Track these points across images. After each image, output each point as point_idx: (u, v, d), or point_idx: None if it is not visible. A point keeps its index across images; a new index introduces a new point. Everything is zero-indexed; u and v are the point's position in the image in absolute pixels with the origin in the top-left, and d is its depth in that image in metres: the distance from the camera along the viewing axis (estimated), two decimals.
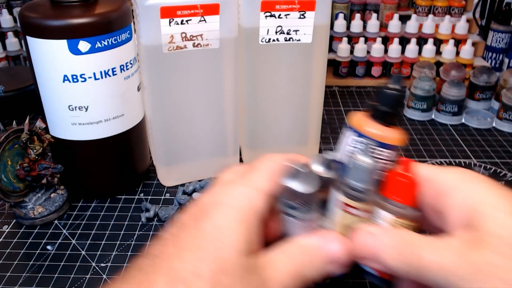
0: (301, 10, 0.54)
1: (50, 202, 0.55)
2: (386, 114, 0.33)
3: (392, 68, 0.92)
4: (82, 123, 0.52)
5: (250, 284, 0.26)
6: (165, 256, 0.26)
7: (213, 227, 0.27)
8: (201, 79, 0.56)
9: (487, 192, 0.28)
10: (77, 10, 0.49)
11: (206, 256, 0.26)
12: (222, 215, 0.27)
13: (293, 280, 0.28)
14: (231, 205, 0.28)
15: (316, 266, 0.29)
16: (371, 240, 0.29)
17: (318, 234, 0.31)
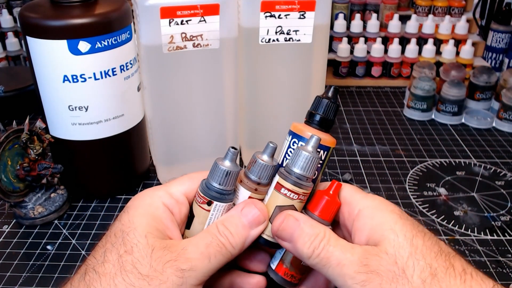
0: (301, 10, 0.54)
1: (50, 202, 0.55)
2: (320, 119, 0.37)
3: (392, 68, 0.92)
4: (82, 123, 0.52)
5: (161, 258, 0.30)
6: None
7: (120, 224, 0.33)
8: (201, 79, 0.56)
9: (393, 219, 0.33)
10: (77, 10, 0.49)
11: (110, 248, 0.31)
12: (127, 214, 0.33)
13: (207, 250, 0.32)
14: (135, 205, 0.34)
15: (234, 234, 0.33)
16: (294, 224, 0.33)
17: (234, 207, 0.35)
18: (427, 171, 0.66)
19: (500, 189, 0.62)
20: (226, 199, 0.34)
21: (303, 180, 0.34)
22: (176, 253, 0.31)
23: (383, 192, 0.60)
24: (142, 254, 0.31)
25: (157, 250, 0.31)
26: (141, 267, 0.30)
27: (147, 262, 0.30)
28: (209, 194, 0.34)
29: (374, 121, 0.79)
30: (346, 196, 0.36)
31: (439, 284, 0.30)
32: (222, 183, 0.34)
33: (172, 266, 0.31)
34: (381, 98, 0.89)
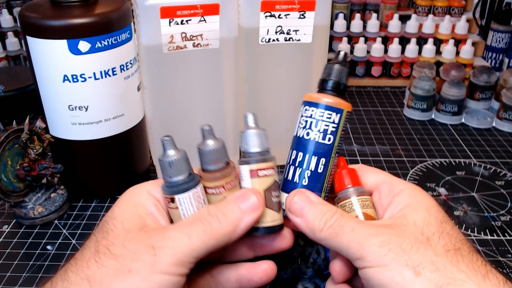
0: (301, 10, 0.54)
1: (50, 202, 0.55)
2: (332, 84, 0.37)
3: (392, 68, 0.92)
4: (82, 123, 0.52)
5: (135, 239, 0.30)
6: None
7: (105, 216, 0.34)
8: (201, 79, 0.56)
9: (430, 204, 0.34)
10: (77, 10, 0.49)
11: (91, 237, 0.32)
12: (112, 207, 0.34)
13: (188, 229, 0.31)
14: (121, 197, 0.35)
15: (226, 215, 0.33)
16: (305, 200, 0.35)
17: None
18: (427, 171, 0.66)
19: (500, 189, 0.62)
20: (185, 188, 0.33)
21: (266, 154, 0.35)
22: (152, 233, 0.31)
23: None
24: (116, 237, 0.31)
25: (132, 232, 0.31)
26: (114, 248, 0.30)
27: (120, 243, 0.30)
28: (167, 191, 0.34)
29: (374, 121, 0.79)
30: (387, 178, 0.37)
31: (461, 258, 0.30)
32: (171, 174, 0.33)
33: (145, 244, 0.30)
34: (381, 98, 0.89)
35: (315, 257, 0.48)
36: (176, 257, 0.30)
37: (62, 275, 0.30)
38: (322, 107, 0.36)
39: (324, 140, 0.37)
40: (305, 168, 0.37)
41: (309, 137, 0.37)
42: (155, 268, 0.29)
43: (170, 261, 0.29)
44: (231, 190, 0.35)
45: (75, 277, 0.30)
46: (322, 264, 0.47)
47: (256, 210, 0.34)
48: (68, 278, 0.30)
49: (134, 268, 0.29)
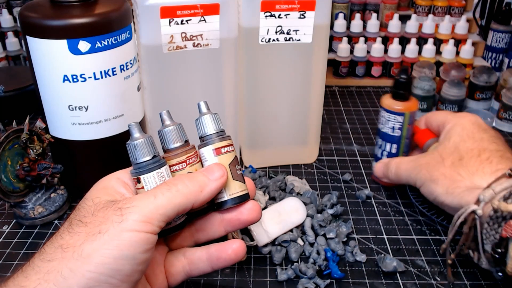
0: (301, 10, 0.54)
1: (50, 202, 0.55)
2: (397, 93, 0.56)
3: (392, 68, 0.92)
4: (82, 123, 0.52)
5: (105, 208, 0.32)
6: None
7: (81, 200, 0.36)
8: (201, 79, 0.56)
9: (457, 131, 0.50)
10: (77, 10, 0.49)
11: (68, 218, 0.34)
12: (87, 193, 0.36)
13: (154, 190, 0.34)
14: (96, 185, 0.37)
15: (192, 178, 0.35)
16: (379, 167, 0.58)
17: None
18: None
19: None
20: (149, 168, 0.36)
21: (224, 134, 0.39)
22: (121, 201, 0.33)
23: (383, 192, 0.60)
24: (87, 210, 0.33)
25: (102, 203, 0.33)
26: (84, 218, 0.33)
27: (90, 214, 0.33)
28: (133, 172, 0.36)
29: (374, 121, 0.79)
30: (443, 118, 0.54)
31: (461, 164, 0.47)
32: (137, 156, 0.36)
33: (113, 208, 0.32)
34: None
35: (315, 257, 0.48)
36: (142, 214, 0.31)
37: (40, 250, 0.32)
38: (389, 111, 0.57)
39: (393, 133, 0.58)
40: (383, 150, 0.60)
41: (383, 130, 0.58)
42: (122, 226, 0.31)
43: (137, 218, 0.31)
44: (193, 165, 0.38)
45: (49, 248, 0.32)
46: (322, 264, 0.47)
47: (221, 178, 0.36)
48: (44, 251, 0.32)
49: (103, 229, 0.31)
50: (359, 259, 0.49)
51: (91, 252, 0.30)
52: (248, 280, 0.47)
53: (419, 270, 0.48)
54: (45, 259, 0.31)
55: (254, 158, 0.65)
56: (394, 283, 0.46)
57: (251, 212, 0.39)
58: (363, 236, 0.53)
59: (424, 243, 0.52)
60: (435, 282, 0.46)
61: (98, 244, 0.30)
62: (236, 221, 0.39)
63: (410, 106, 0.56)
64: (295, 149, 0.65)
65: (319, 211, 0.54)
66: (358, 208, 0.57)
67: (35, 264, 0.31)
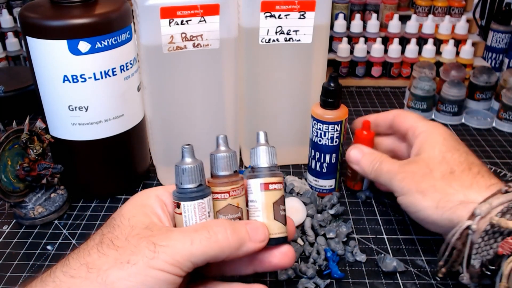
0: (301, 10, 0.54)
1: (50, 202, 0.55)
2: (327, 102, 0.54)
3: (392, 68, 0.92)
4: (82, 123, 0.52)
5: (139, 234, 0.32)
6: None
7: (113, 214, 0.35)
8: (201, 79, 0.56)
9: (437, 141, 0.47)
10: (77, 10, 0.49)
11: (98, 232, 0.34)
12: (121, 206, 0.36)
13: (193, 234, 0.32)
14: (130, 198, 0.36)
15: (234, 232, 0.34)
16: (359, 152, 0.53)
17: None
18: None
19: None
20: (192, 197, 0.34)
21: (276, 169, 0.38)
22: (156, 231, 0.32)
23: (383, 192, 0.60)
24: (121, 232, 0.32)
25: (137, 228, 0.32)
26: (117, 240, 0.31)
27: (124, 237, 0.32)
28: (175, 196, 0.35)
29: None
30: (413, 123, 0.51)
31: (453, 177, 0.43)
32: (183, 181, 0.35)
33: (148, 240, 0.31)
34: (381, 98, 0.89)
35: (315, 257, 0.48)
36: (174, 258, 0.30)
37: (64, 261, 0.32)
38: (326, 122, 0.54)
39: (332, 143, 0.55)
40: (323, 162, 0.57)
41: (321, 142, 0.55)
42: (152, 263, 0.30)
43: (168, 260, 0.30)
44: (236, 198, 0.36)
45: (75, 262, 0.31)
46: (322, 264, 0.47)
47: (261, 243, 0.35)
48: (68, 263, 0.31)
49: (132, 260, 0.30)
50: (359, 259, 0.49)
51: (115, 280, 0.30)
52: (248, 280, 0.47)
53: (419, 270, 0.48)
54: (67, 274, 0.30)
55: None
56: (394, 283, 0.46)
57: (283, 257, 0.37)
58: (363, 236, 0.53)
59: (424, 243, 0.52)
60: (435, 282, 0.46)
61: (124, 275, 0.30)
62: (267, 263, 0.37)
63: (343, 113, 0.54)
64: (295, 149, 0.65)
65: (319, 211, 0.54)
66: (358, 208, 0.57)
67: (56, 276, 0.31)
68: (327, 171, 0.57)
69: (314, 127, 0.55)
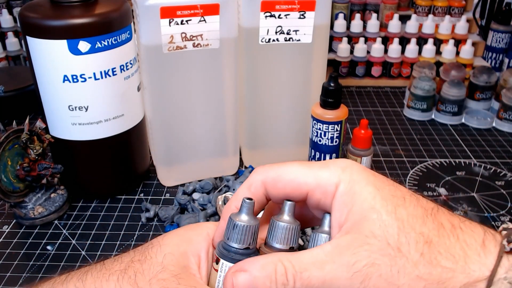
0: (301, 10, 0.54)
1: (50, 202, 0.55)
2: (327, 102, 0.54)
3: (392, 68, 0.92)
4: (82, 123, 0.52)
5: (165, 282, 0.28)
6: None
7: (155, 237, 0.32)
8: (201, 79, 0.56)
9: (370, 194, 0.28)
10: (77, 10, 0.49)
11: (130, 252, 0.31)
12: (168, 232, 0.32)
13: None
14: (182, 226, 0.33)
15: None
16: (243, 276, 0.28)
17: None
18: (427, 171, 0.66)
19: (500, 189, 0.62)
20: (234, 258, 0.30)
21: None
22: (182, 286, 0.29)
23: None
24: (149, 268, 0.30)
25: (165, 272, 0.29)
26: (141, 278, 0.29)
27: (148, 277, 0.29)
28: (218, 250, 0.31)
29: (374, 121, 0.79)
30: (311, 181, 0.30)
31: (436, 250, 0.27)
32: (230, 237, 0.30)
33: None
34: (381, 98, 0.89)
35: None
36: None
37: (81, 274, 0.30)
38: (327, 122, 0.54)
39: (333, 143, 0.55)
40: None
41: (321, 142, 0.56)
42: None
43: None
44: None
45: (90, 282, 0.29)
46: None
47: None
48: (85, 279, 0.30)
49: None
50: None
51: None
52: None
53: None
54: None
55: (254, 158, 0.65)
56: None
57: None
58: None
59: None
60: None
61: None
62: None
63: (343, 113, 0.54)
64: (295, 149, 0.65)
65: None
66: None
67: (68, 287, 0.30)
68: None
69: (314, 127, 0.56)
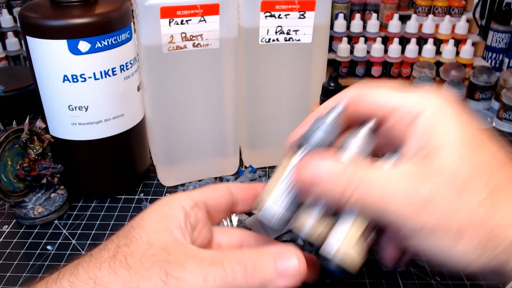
0: (301, 10, 0.54)
1: (50, 202, 0.55)
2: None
3: (392, 68, 0.92)
4: (82, 123, 0.52)
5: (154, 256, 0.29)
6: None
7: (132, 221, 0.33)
8: (201, 79, 0.56)
9: (452, 132, 0.29)
10: (77, 10, 0.49)
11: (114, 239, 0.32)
12: (142, 213, 0.33)
13: (208, 269, 0.29)
14: (153, 204, 0.34)
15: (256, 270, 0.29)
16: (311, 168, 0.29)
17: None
18: None
19: None
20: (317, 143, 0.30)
21: None
22: (173, 256, 0.30)
23: None
24: (137, 249, 0.30)
25: (154, 248, 0.30)
26: (131, 258, 0.30)
27: (138, 256, 0.30)
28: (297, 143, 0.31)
29: None
30: (391, 102, 0.32)
31: (499, 201, 0.27)
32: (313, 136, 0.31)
33: (161, 266, 0.29)
34: None
35: None
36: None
37: (72, 269, 0.30)
38: None
39: None
40: None
41: None
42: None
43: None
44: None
45: (83, 275, 0.30)
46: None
47: (293, 277, 0.29)
48: (77, 273, 0.30)
49: (142, 287, 0.29)
50: None
51: None
52: None
53: (419, 270, 0.48)
54: (73, 285, 0.29)
55: (254, 158, 0.65)
56: (394, 283, 0.46)
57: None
58: None
59: None
60: (435, 282, 0.46)
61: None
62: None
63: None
64: None
65: None
66: None
67: (62, 285, 0.29)
68: None
69: None
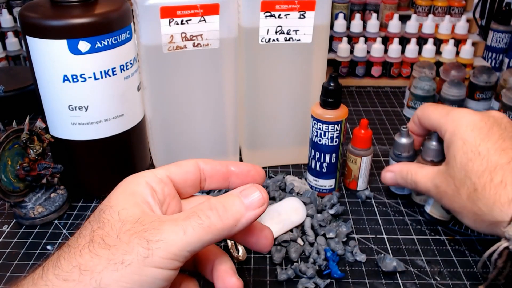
0: (301, 10, 0.54)
1: (50, 202, 0.55)
2: (327, 102, 0.54)
3: (392, 68, 0.92)
4: (82, 123, 0.52)
5: (130, 230, 0.30)
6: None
7: (101, 204, 0.34)
8: (201, 79, 0.56)
9: (458, 144, 0.46)
10: (77, 10, 0.49)
11: (86, 225, 0.32)
12: (109, 195, 0.35)
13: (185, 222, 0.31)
14: (118, 185, 0.35)
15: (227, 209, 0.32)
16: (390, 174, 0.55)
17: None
18: None
19: None
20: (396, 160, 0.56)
21: None
22: (148, 225, 0.30)
23: (383, 192, 0.60)
24: (112, 228, 0.31)
25: (127, 223, 0.31)
26: (108, 238, 0.30)
27: (115, 234, 0.30)
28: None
29: (374, 121, 0.79)
30: (436, 122, 0.50)
31: (477, 196, 0.42)
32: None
33: (139, 236, 0.30)
34: (381, 98, 0.89)
35: (315, 257, 0.48)
36: (170, 251, 0.30)
37: (54, 261, 0.30)
38: (326, 122, 0.54)
39: (333, 143, 0.55)
40: (323, 162, 0.57)
41: (321, 142, 0.56)
42: (147, 262, 0.29)
43: (164, 255, 0.29)
44: None
45: (67, 264, 0.30)
46: (322, 264, 0.47)
47: (259, 207, 0.33)
48: (60, 265, 0.30)
49: (126, 260, 0.29)
50: (359, 259, 0.49)
51: (110, 282, 0.29)
52: (248, 280, 0.47)
53: (419, 270, 0.48)
54: (60, 277, 0.29)
55: (254, 158, 0.65)
56: (394, 283, 0.46)
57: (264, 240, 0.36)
58: (363, 236, 0.53)
59: (424, 243, 0.52)
60: (435, 282, 0.46)
61: (119, 276, 0.29)
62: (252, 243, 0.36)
63: (343, 113, 0.54)
64: (295, 149, 0.65)
65: (319, 211, 0.54)
66: (358, 208, 0.57)
67: (49, 279, 0.30)
68: (327, 171, 0.57)
69: (314, 127, 0.55)
